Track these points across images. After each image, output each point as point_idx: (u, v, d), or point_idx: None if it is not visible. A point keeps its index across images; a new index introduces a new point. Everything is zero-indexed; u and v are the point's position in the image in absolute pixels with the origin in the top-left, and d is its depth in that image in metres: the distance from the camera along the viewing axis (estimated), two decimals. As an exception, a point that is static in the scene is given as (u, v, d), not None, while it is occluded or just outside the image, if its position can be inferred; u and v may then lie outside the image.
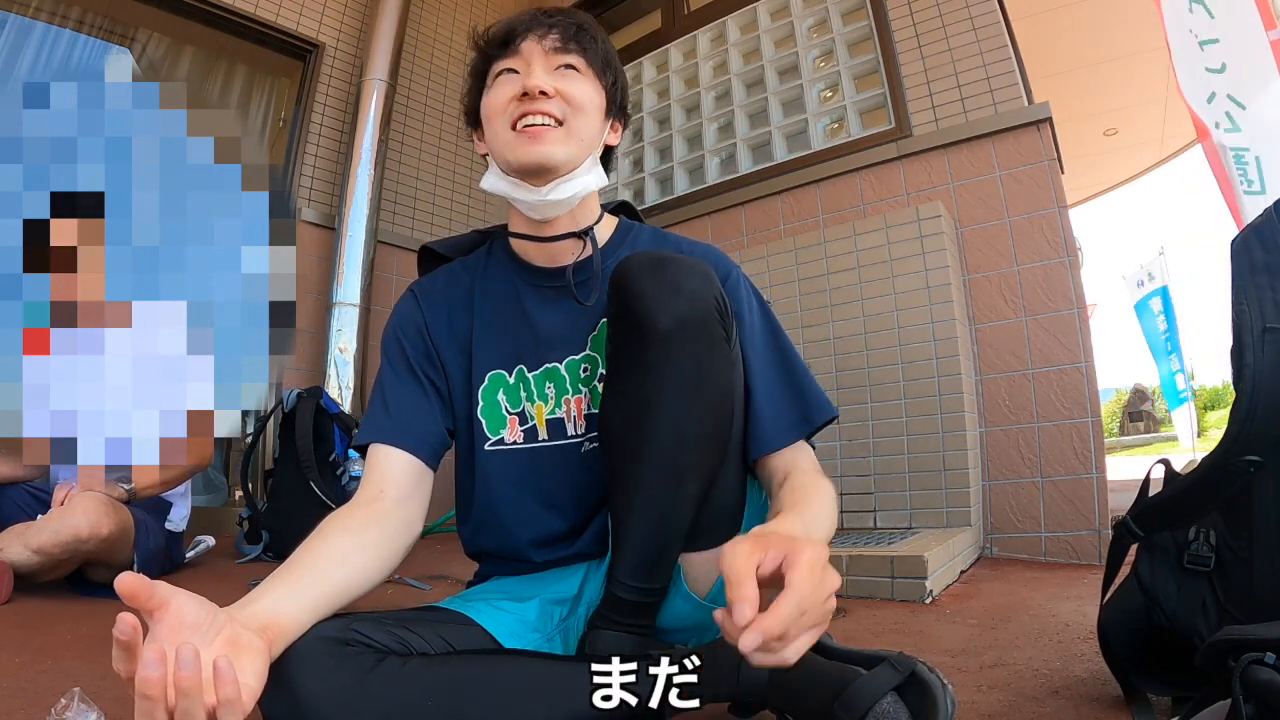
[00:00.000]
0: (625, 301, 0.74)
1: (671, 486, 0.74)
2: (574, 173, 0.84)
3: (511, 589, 0.87)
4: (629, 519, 0.76)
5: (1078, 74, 4.86)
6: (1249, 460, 0.74)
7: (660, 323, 0.71)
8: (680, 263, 0.74)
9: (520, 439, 0.87)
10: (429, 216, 3.46)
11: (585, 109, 0.84)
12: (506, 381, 0.88)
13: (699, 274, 0.74)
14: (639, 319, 0.72)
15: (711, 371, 0.74)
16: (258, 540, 2.26)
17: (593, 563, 0.89)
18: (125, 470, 1.67)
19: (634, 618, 0.77)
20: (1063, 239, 2.20)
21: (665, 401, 0.72)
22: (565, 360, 0.87)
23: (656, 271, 0.73)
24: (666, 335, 0.71)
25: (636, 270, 0.74)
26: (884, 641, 1.21)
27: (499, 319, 0.90)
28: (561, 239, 0.88)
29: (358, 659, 0.65)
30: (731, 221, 2.89)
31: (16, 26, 2.54)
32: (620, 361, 0.77)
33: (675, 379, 0.72)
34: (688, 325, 0.71)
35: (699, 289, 0.73)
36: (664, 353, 0.71)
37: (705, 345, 0.73)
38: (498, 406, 0.88)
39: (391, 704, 0.64)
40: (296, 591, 0.67)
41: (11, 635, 1.23)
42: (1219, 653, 0.62)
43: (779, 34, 3.00)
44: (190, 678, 0.49)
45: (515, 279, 0.91)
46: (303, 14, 3.13)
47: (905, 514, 2.14)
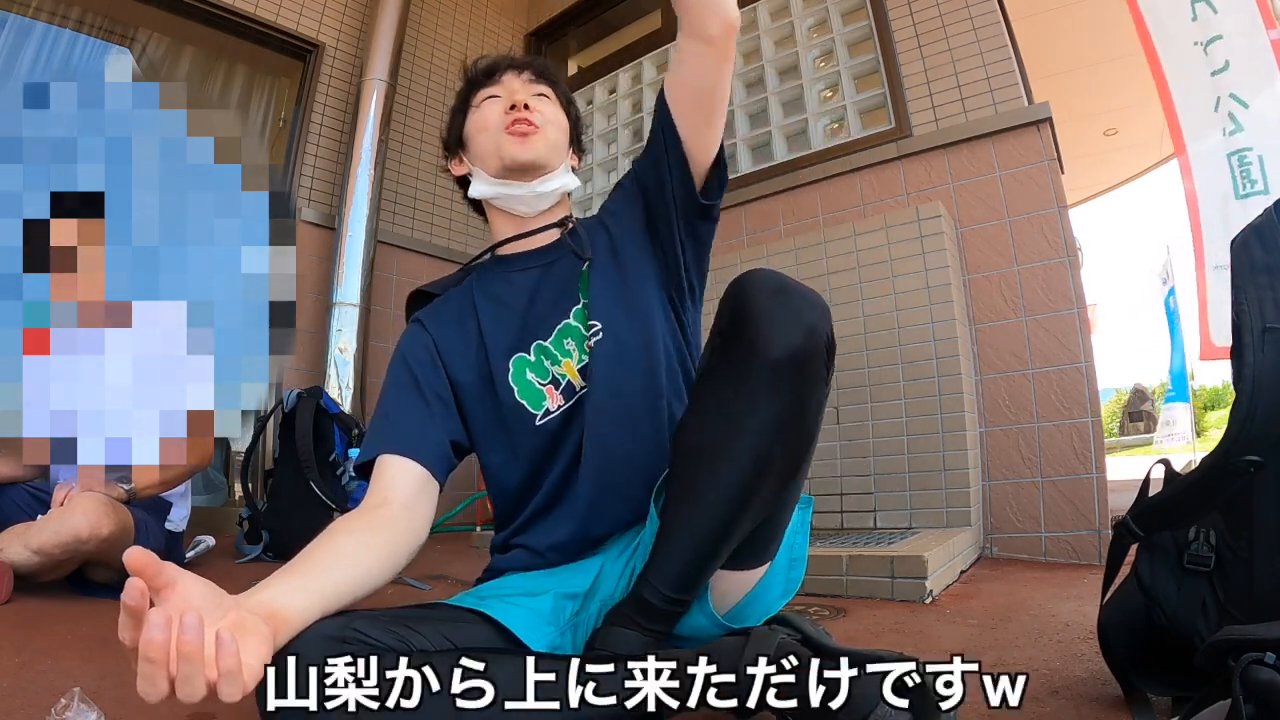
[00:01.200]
0: (740, 319, 0.74)
1: (736, 512, 0.75)
2: (554, 172, 0.97)
3: (524, 584, 0.88)
4: (683, 530, 0.76)
5: (1078, 74, 4.86)
6: (1249, 460, 0.74)
7: (775, 350, 0.71)
8: (804, 293, 0.75)
9: (562, 401, 0.92)
10: (429, 216, 3.46)
11: (557, 123, 0.99)
12: (529, 361, 0.93)
13: (819, 307, 0.74)
14: (751, 341, 0.72)
15: (808, 408, 0.75)
16: (258, 540, 2.26)
17: (607, 557, 0.90)
18: (125, 470, 1.67)
19: (657, 623, 0.77)
20: (1063, 239, 2.20)
21: (758, 428, 0.73)
22: (571, 312, 0.94)
23: (782, 297, 0.74)
24: (778, 364, 0.71)
25: (760, 290, 0.74)
26: (884, 641, 1.21)
27: (502, 310, 0.96)
28: (545, 229, 0.99)
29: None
30: (731, 221, 2.89)
31: (16, 26, 2.54)
32: (718, 375, 0.77)
33: (774, 408, 0.72)
34: (798, 360, 0.72)
35: (818, 324, 0.73)
36: (772, 380, 0.72)
37: (811, 380, 0.74)
38: (531, 384, 0.93)
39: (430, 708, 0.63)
40: (303, 585, 0.67)
41: (11, 635, 1.23)
42: (1219, 653, 0.62)
43: (779, 34, 3.00)
44: (193, 642, 0.50)
45: (507, 275, 0.99)
46: (303, 14, 3.13)
47: (905, 514, 2.14)
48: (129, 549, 0.50)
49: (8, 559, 1.47)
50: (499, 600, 0.83)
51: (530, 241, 0.99)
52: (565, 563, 0.91)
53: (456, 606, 0.82)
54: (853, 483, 2.24)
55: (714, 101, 0.90)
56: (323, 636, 0.65)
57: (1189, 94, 2.06)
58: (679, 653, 0.72)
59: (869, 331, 2.29)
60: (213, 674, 0.51)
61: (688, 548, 0.76)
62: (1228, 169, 1.99)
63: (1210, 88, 2.03)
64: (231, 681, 0.52)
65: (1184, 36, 2.08)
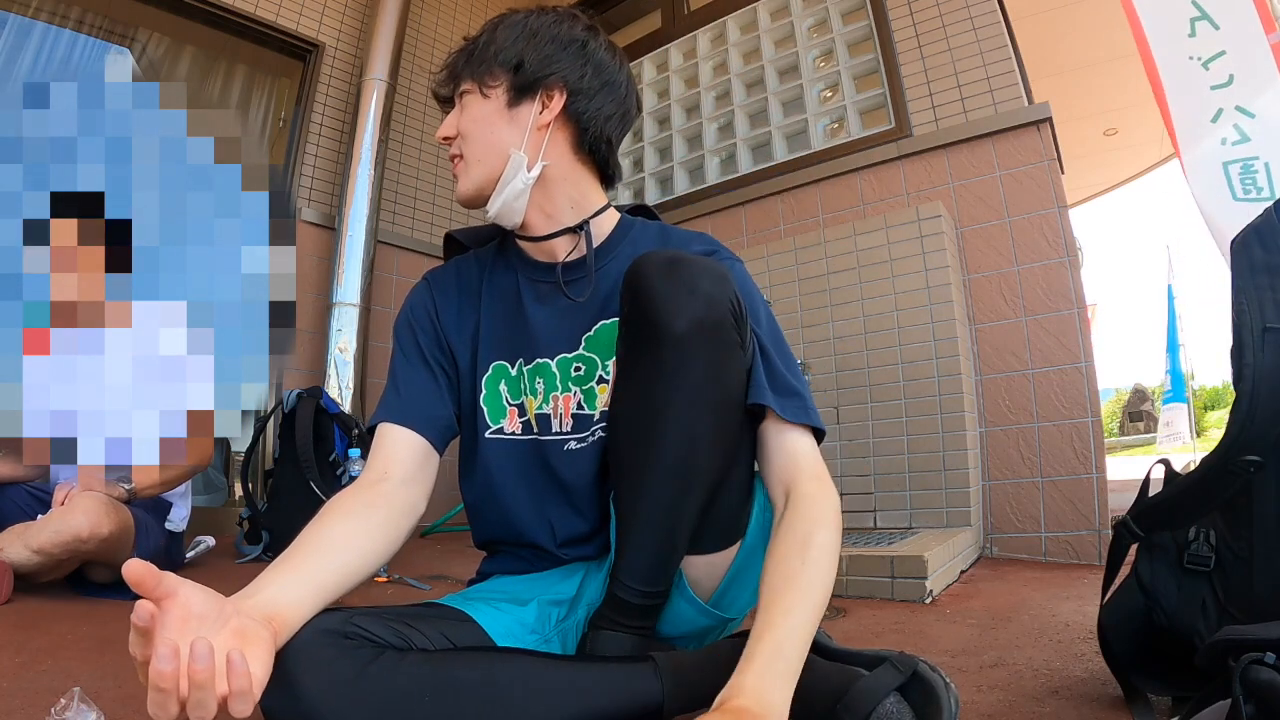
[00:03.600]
0: (639, 303, 0.72)
1: (680, 490, 0.73)
2: (498, 187, 0.84)
3: (511, 589, 0.87)
4: (635, 521, 0.75)
5: (1078, 74, 4.86)
6: (1249, 460, 0.74)
7: (675, 326, 0.70)
8: (695, 264, 0.72)
9: (519, 430, 0.88)
10: (429, 216, 3.46)
11: (473, 132, 0.84)
12: (509, 373, 0.89)
13: (715, 275, 0.72)
14: (652, 321, 0.71)
15: (725, 375, 0.73)
16: (258, 540, 2.26)
17: (592, 564, 0.89)
18: (125, 470, 1.67)
19: (637, 619, 0.77)
20: (1063, 239, 2.20)
21: (677, 404, 0.71)
22: (557, 357, 0.87)
23: (671, 273, 0.72)
24: (680, 338, 0.70)
25: (650, 271, 0.72)
26: (884, 642, 1.21)
27: (503, 312, 0.90)
28: (556, 235, 0.88)
29: (356, 652, 0.65)
30: (731, 221, 2.90)
31: (16, 26, 2.54)
32: (632, 362, 0.76)
33: (688, 382, 0.71)
34: (703, 328, 0.70)
35: (714, 292, 0.71)
36: (678, 355, 0.70)
37: (720, 349, 0.72)
38: (499, 396, 0.89)
39: (389, 698, 0.64)
40: (300, 580, 0.67)
41: (11, 635, 1.23)
42: (1219, 653, 0.62)
43: (779, 34, 3.00)
44: (205, 671, 0.50)
45: (518, 273, 0.91)
46: (303, 14, 3.13)
47: (905, 514, 2.15)
48: (127, 562, 0.51)
49: (8, 559, 1.47)
50: (485, 604, 0.82)
51: (545, 249, 0.89)
52: (548, 568, 0.89)
53: (449, 606, 0.81)
54: (853, 483, 2.24)
55: None
56: (325, 631, 0.65)
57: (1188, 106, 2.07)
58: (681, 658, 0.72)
59: (869, 331, 2.29)
60: (224, 691, 0.52)
61: (646, 538, 0.75)
62: (1224, 178, 2.00)
63: (1210, 100, 2.03)
64: (243, 700, 0.53)
65: (1182, 52, 2.09)
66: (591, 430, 0.85)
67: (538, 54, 0.84)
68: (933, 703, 0.65)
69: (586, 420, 0.85)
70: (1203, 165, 2.03)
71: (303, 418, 2.34)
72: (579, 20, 0.88)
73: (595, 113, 0.86)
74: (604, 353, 0.85)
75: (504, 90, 0.84)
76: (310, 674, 0.62)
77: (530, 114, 0.83)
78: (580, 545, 0.87)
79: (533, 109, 0.83)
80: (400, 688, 0.65)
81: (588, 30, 0.88)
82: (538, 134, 0.84)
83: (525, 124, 0.83)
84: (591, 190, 0.89)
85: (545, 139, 0.84)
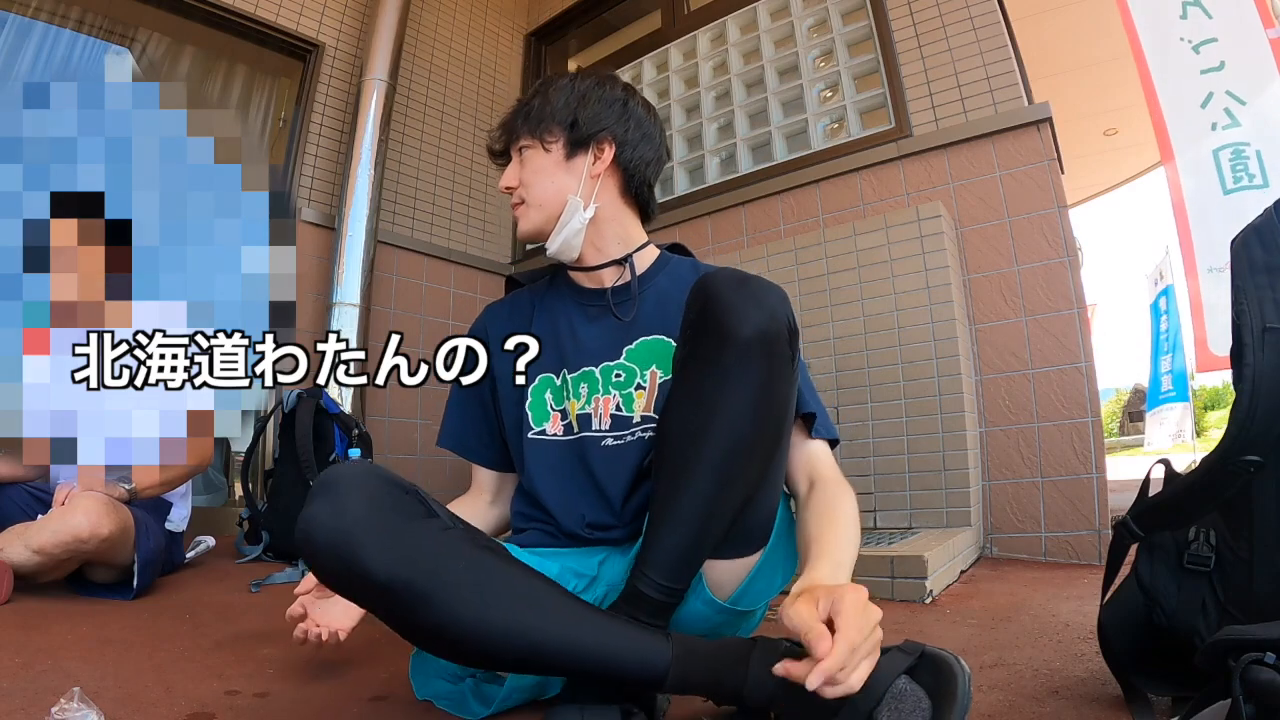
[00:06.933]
0: (710, 308, 0.78)
1: (720, 490, 0.77)
2: (557, 228, 0.98)
3: (535, 556, 0.94)
4: (670, 514, 0.79)
5: (1078, 74, 4.85)
6: (1249, 460, 0.74)
7: (742, 331, 0.75)
8: (762, 282, 0.80)
9: (560, 432, 0.99)
10: (429, 216, 3.46)
11: (534, 181, 0.99)
12: (554, 383, 1.01)
13: (779, 294, 0.79)
14: (721, 324, 0.77)
15: (778, 385, 0.78)
16: (258, 540, 2.26)
17: (615, 549, 0.94)
18: (125, 470, 1.67)
19: (652, 616, 0.78)
20: (1063, 239, 2.20)
21: (731, 406, 0.76)
22: (600, 365, 0.98)
23: (741, 286, 0.78)
24: (746, 344, 0.75)
25: (722, 282, 0.79)
26: (884, 641, 1.21)
27: (551, 331, 1.03)
28: (602, 267, 1.02)
29: (409, 504, 0.72)
30: (731, 221, 2.89)
31: (16, 26, 2.54)
32: (692, 367, 0.80)
33: (745, 386, 0.76)
34: (765, 339, 0.76)
35: (778, 308, 0.78)
36: (740, 360, 0.76)
37: (777, 360, 0.77)
38: (544, 403, 1.01)
39: (425, 549, 0.69)
40: None
41: (11, 635, 1.23)
42: (1219, 653, 0.62)
43: (779, 34, 3.00)
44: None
45: (568, 300, 1.05)
46: (303, 14, 3.13)
47: (905, 514, 2.14)
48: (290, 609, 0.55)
49: (8, 559, 1.47)
50: (512, 548, 0.90)
51: (594, 277, 1.03)
52: (573, 546, 0.96)
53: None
54: (852, 482, 2.20)
55: None
56: (386, 478, 0.73)
57: (1177, 90, 2.06)
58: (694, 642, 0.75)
59: (869, 331, 2.29)
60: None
61: (678, 532, 0.78)
62: (1214, 165, 1.99)
63: (1200, 85, 2.03)
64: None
65: (1172, 33, 2.08)
66: (630, 430, 0.95)
67: (588, 114, 0.98)
68: (945, 676, 0.65)
69: (624, 421, 0.96)
70: (1192, 154, 2.03)
71: (303, 418, 2.34)
72: (618, 82, 1.04)
73: (639, 160, 1.01)
74: (642, 363, 0.97)
75: (561, 145, 0.98)
76: (358, 501, 0.67)
77: (584, 164, 0.98)
78: (606, 531, 0.94)
79: (586, 160, 0.99)
80: (440, 544, 0.71)
81: (625, 90, 1.03)
82: (591, 181, 0.99)
83: (580, 173, 0.98)
84: (634, 227, 1.05)
85: (597, 185, 0.99)
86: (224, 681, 1.01)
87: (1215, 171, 1.99)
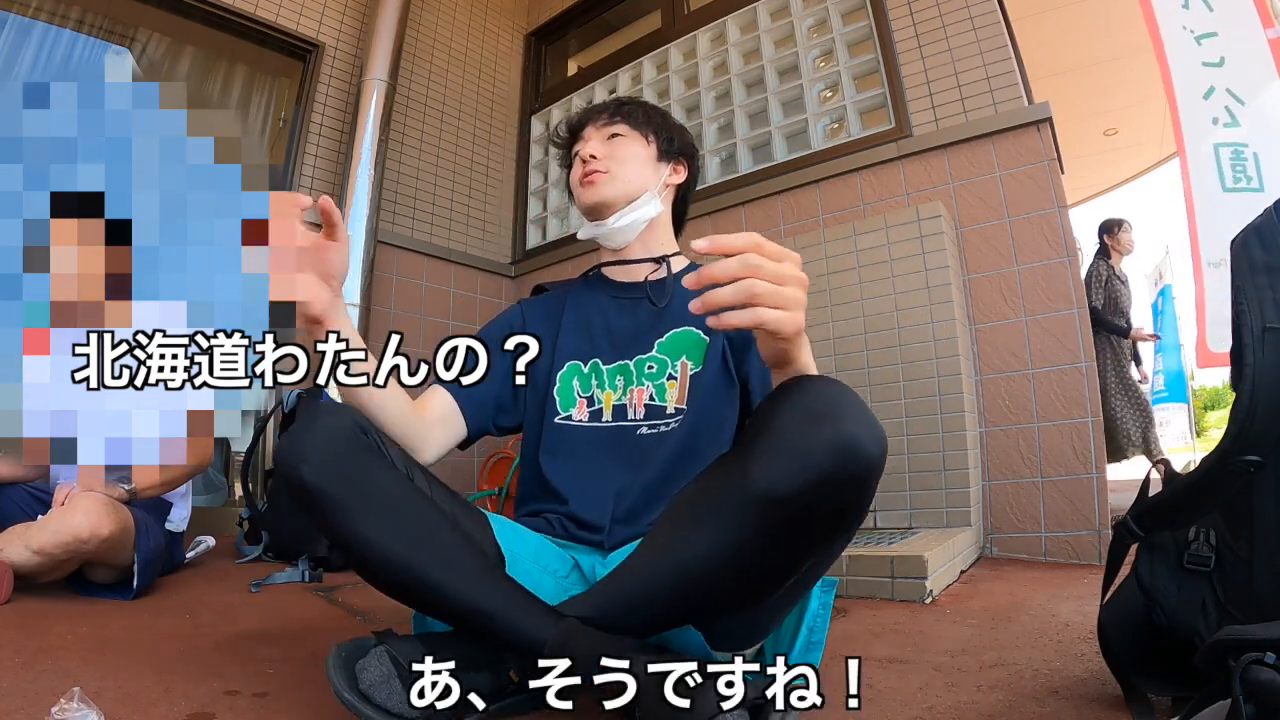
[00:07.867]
0: (757, 429, 0.71)
1: (692, 586, 0.73)
2: (630, 205, 1.09)
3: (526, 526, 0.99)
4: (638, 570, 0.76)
5: (1078, 74, 4.85)
6: (1249, 460, 0.74)
7: (764, 486, 0.67)
8: (845, 421, 0.68)
9: (586, 418, 1.05)
10: (429, 216, 3.46)
11: (627, 159, 1.10)
12: (581, 370, 1.08)
13: (879, 471, 0.71)
14: (746, 467, 0.69)
15: (831, 548, 0.78)
16: (258, 540, 2.25)
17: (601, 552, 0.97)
18: (125, 470, 1.66)
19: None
20: (1063, 239, 2.20)
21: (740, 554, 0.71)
22: (635, 359, 1.06)
23: (809, 423, 0.68)
24: (768, 500, 0.68)
25: (794, 405, 0.69)
26: (884, 642, 1.21)
27: (584, 323, 1.11)
28: (644, 261, 1.13)
29: (364, 446, 0.79)
30: (732, 221, 2.90)
31: (16, 26, 2.54)
32: (765, 432, 0.70)
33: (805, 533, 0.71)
34: (848, 510, 0.71)
35: (871, 492, 0.71)
36: (761, 516, 0.68)
37: (844, 531, 0.75)
38: (571, 390, 1.07)
39: (368, 487, 0.77)
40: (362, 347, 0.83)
41: (11, 635, 1.23)
42: (1219, 653, 0.62)
43: (779, 34, 3.00)
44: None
45: (600, 294, 1.14)
46: (303, 14, 3.13)
47: (905, 514, 2.14)
48: (322, 197, 0.61)
49: (8, 559, 1.47)
50: (503, 524, 0.93)
51: (629, 272, 1.13)
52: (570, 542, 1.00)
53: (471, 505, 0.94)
54: (853, 483, 2.23)
55: None
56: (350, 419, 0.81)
57: (1183, 79, 2.06)
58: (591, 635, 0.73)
59: (869, 331, 2.29)
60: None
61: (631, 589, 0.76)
62: (1215, 161, 1.99)
63: (1203, 77, 2.03)
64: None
65: (1176, 20, 2.08)
66: (664, 421, 1.02)
67: (682, 138, 1.18)
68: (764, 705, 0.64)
69: (658, 411, 1.03)
70: (1197, 144, 2.02)
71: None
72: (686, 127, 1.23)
73: (691, 185, 1.21)
74: (673, 355, 1.05)
75: (656, 148, 1.14)
76: (315, 431, 0.77)
77: (665, 171, 1.15)
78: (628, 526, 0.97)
79: (667, 169, 1.15)
80: (383, 485, 0.78)
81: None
82: (664, 188, 1.15)
83: (660, 176, 1.14)
84: (670, 236, 1.18)
85: (665, 193, 1.16)
86: (224, 681, 1.01)
87: (1216, 168, 1.99)
